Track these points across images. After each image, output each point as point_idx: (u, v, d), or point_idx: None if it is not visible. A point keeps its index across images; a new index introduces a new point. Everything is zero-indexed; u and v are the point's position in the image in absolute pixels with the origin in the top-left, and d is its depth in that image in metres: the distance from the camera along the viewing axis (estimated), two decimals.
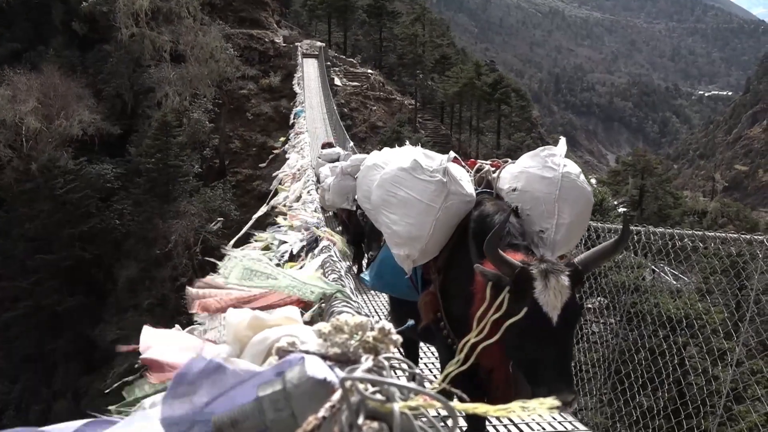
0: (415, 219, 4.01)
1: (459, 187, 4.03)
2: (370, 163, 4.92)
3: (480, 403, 0.87)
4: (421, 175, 4.04)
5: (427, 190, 3.98)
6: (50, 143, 34.64)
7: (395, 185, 4.13)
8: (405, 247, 4.11)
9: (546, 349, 3.07)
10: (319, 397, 0.91)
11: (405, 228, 4.05)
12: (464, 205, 4.08)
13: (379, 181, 4.33)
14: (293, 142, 21.09)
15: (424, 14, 65.66)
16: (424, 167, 4.06)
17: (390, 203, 4.16)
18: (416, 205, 4.00)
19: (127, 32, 39.74)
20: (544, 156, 4.17)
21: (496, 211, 3.91)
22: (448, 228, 4.08)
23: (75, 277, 33.05)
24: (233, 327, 1.25)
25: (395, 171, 4.19)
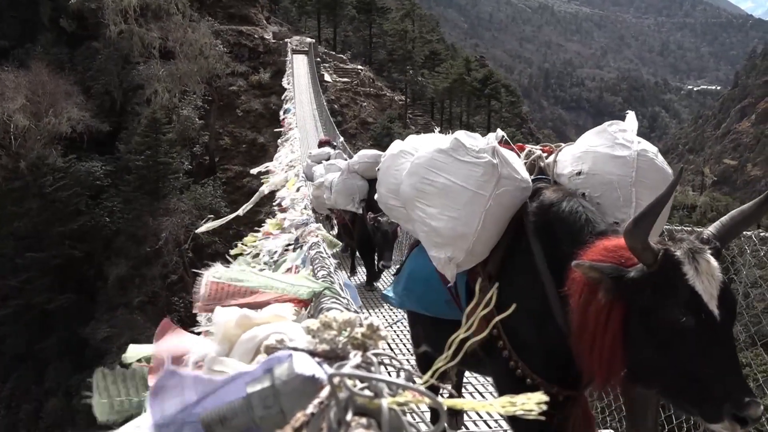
0: (460, 211, 3.33)
1: (512, 171, 3.35)
2: (394, 150, 4.26)
3: (467, 399, 0.87)
4: (464, 157, 3.38)
5: (473, 175, 3.31)
6: (39, 141, 34.51)
7: (433, 170, 3.46)
8: (447, 247, 3.41)
9: (713, 353, 2.40)
10: (307, 394, 0.91)
11: (447, 223, 3.37)
12: (519, 192, 3.38)
13: (411, 167, 3.67)
14: (283, 138, 21.02)
15: (413, 10, 65.70)
16: (468, 147, 3.39)
17: (426, 193, 3.49)
18: (460, 193, 3.33)
19: (115, 29, 39.59)
20: (614, 132, 3.52)
21: (561, 197, 3.23)
22: (500, 222, 3.38)
23: (65, 275, 32.94)
24: (221, 326, 1.24)
25: (432, 154, 3.52)
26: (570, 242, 2.89)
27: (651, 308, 2.48)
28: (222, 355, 1.17)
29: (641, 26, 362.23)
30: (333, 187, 11.40)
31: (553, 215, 3.15)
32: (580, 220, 3.03)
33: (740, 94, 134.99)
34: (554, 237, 3.09)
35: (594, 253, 2.65)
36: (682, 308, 2.42)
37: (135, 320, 29.66)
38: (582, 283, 2.63)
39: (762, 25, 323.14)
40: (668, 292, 2.46)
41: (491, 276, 3.37)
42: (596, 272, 2.53)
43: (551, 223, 3.11)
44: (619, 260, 2.56)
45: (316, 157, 15.66)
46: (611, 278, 2.52)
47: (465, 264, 3.41)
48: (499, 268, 3.37)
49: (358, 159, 11.07)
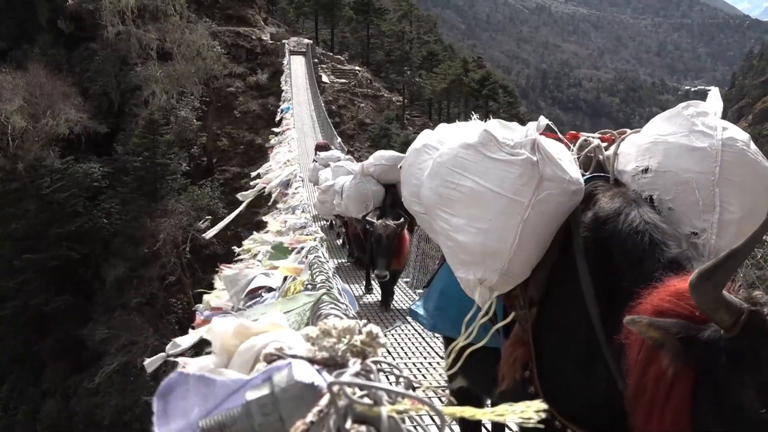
0: (492, 223, 2.68)
1: (558, 170, 2.68)
2: (418, 144, 3.61)
3: (467, 407, 0.87)
4: (497, 153, 2.73)
5: (508, 177, 2.67)
6: (36, 142, 34.45)
7: (457, 171, 2.82)
8: (476, 267, 2.76)
9: None
10: (306, 402, 0.91)
11: (475, 237, 2.71)
12: (567, 197, 2.70)
13: (432, 167, 3.03)
14: (280, 138, 21.02)
15: (411, 11, 65.67)
16: (501, 141, 2.74)
17: (450, 200, 2.84)
18: (492, 200, 2.68)
19: (113, 30, 39.52)
20: (690, 116, 2.76)
21: (621, 206, 2.56)
22: (543, 235, 2.72)
23: (62, 276, 32.87)
24: (219, 336, 1.23)
25: (456, 150, 2.88)
26: (629, 273, 2.34)
27: (725, 384, 1.90)
28: (221, 366, 1.17)
29: (638, 27, 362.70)
30: (344, 192, 10.22)
31: (609, 233, 2.52)
32: (643, 243, 2.40)
33: (737, 95, 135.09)
34: (609, 262, 2.48)
35: (658, 298, 2.06)
36: (764, 393, 1.83)
37: (133, 321, 29.62)
38: (640, 340, 2.06)
39: (759, 25, 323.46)
40: (750, 366, 1.87)
41: (532, 302, 2.79)
42: (658, 332, 1.96)
43: (606, 243, 2.51)
44: (691, 312, 1.96)
45: (324, 160, 14.72)
46: (679, 340, 1.94)
47: (499, 287, 2.78)
48: (544, 292, 2.77)
49: (374, 161, 9.73)
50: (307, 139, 30.21)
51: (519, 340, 2.80)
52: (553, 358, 2.68)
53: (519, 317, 2.83)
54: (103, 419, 27.93)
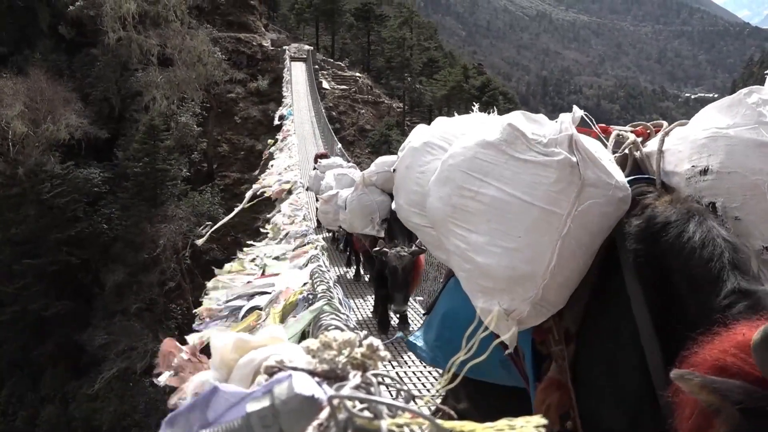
0: (522, 240, 2.19)
1: (602, 173, 2.20)
2: (416, 142, 3.05)
3: (467, 422, 0.87)
4: (525, 154, 2.25)
5: (541, 182, 2.18)
6: (37, 147, 34.43)
7: (475, 176, 2.33)
8: (501, 296, 2.26)
9: None
10: (307, 414, 0.91)
11: (501, 259, 2.22)
12: (614, 207, 2.22)
13: (442, 171, 2.53)
14: (281, 145, 21.01)
15: (411, 17, 65.75)
16: (531, 138, 2.26)
17: (468, 212, 2.35)
18: (521, 212, 2.20)
19: (114, 36, 39.55)
20: (755, 104, 2.22)
21: (682, 216, 2.05)
22: (584, 254, 2.23)
23: (62, 281, 32.85)
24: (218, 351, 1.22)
25: (473, 150, 2.39)
26: (691, 302, 1.89)
27: None
28: (221, 380, 1.16)
29: (639, 34, 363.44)
30: (347, 206, 9.05)
31: (667, 248, 2.02)
32: (712, 264, 1.90)
33: None
34: (666, 285, 1.98)
35: (720, 348, 1.62)
36: None
37: (132, 327, 29.59)
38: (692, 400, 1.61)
39: (759, 33, 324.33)
40: None
41: (569, 336, 2.31)
42: (714, 397, 1.51)
43: (662, 262, 2.02)
44: (755, 373, 1.49)
45: (324, 168, 13.81)
46: (740, 410, 1.48)
47: (530, 319, 2.28)
48: (582, 322, 2.29)
49: (375, 168, 8.65)
50: (308, 145, 30.23)
51: (554, 383, 2.32)
52: (597, 406, 2.19)
53: (554, 355, 2.36)
54: (101, 425, 27.88)
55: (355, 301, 9.98)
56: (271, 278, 3.92)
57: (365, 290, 10.91)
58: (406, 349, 7.64)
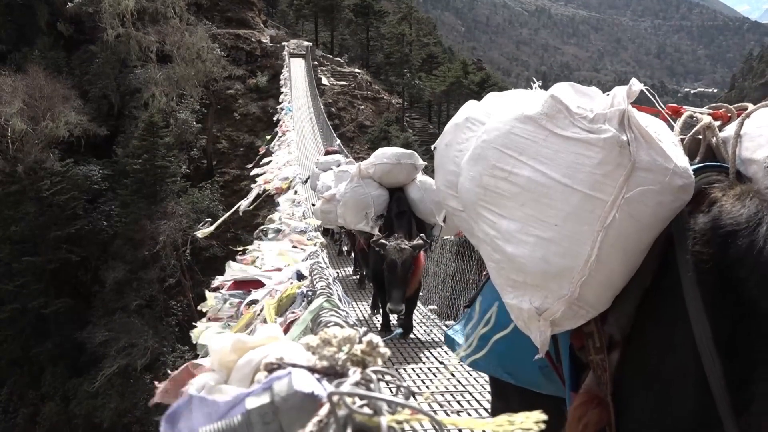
0: (558, 229, 1.92)
1: (658, 156, 1.88)
2: (459, 118, 2.71)
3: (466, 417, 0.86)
4: (568, 130, 1.96)
5: (584, 163, 1.91)
6: (36, 145, 34.45)
7: (510, 154, 2.05)
8: (533, 292, 2.01)
9: None
10: (307, 411, 0.91)
11: (533, 250, 1.96)
12: (671, 196, 1.87)
13: (475, 147, 2.22)
14: (280, 141, 20.99)
15: (410, 13, 65.78)
16: (576, 112, 1.97)
17: (498, 195, 2.07)
18: (560, 197, 1.93)
19: (112, 33, 39.57)
20: None
21: (760, 212, 1.70)
22: (633, 249, 1.92)
23: (62, 279, 32.90)
24: (217, 353, 1.22)
25: (509, 124, 2.09)
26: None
27: None
28: (220, 382, 1.16)
29: (638, 29, 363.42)
30: (341, 199, 8.41)
31: (740, 251, 1.68)
32: None
33: (737, 97, 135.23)
34: (736, 294, 1.67)
35: None
36: None
37: (132, 324, 29.61)
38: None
39: (758, 27, 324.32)
40: None
41: (613, 343, 2.02)
42: None
43: (733, 266, 1.68)
44: None
45: (323, 165, 13.24)
46: None
47: (566, 321, 2.00)
48: (630, 329, 1.98)
49: (374, 160, 7.90)
50: (307, 141, 30.22)
51: (592, 398, 2.04)
52: (642, 427, 1.90)
53: (593, 364, 2.05)
54: (102, 422, 27.94)
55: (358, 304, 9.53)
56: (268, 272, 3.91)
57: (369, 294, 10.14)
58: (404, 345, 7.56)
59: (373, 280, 8.21)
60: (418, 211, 7.65)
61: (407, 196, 7.68)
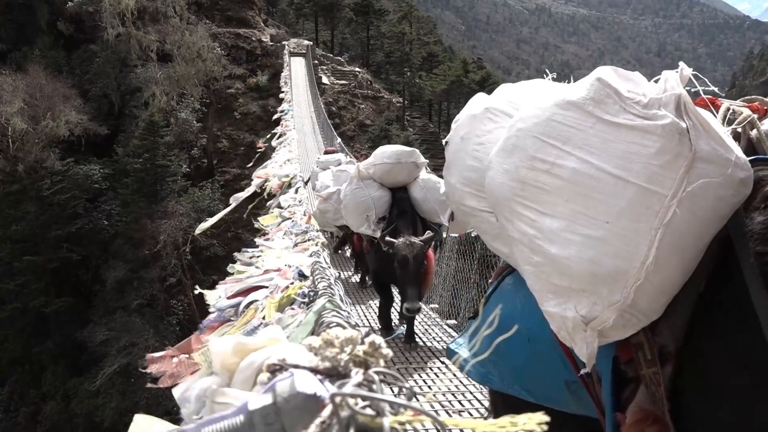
0: (610, 227, 1.74)
1: (718, 146, 1.71)
2: (476, 108, 2.55)
3: (468, 419, 0.86)
4: (619, 116, 1.79)
5: (640, 153, 1.73)
6: (37, 144, 34.45)
7: (552, 144, 1.87)
8: (579, 298, 1.81)
9: None
10: (309, 412, 0.91)
11: (581, 250, 1.77)
12: (732, 191, 1.69)
13: (509, 137, 2.03)
14: (280, 140, 20.99)
15: (411, 12, 65.69)
16: (626, 96, 1.80)
17: (539, 189, 1.89)
18: (612, 191, 1.75)
19: (113, 32, 39.58)
20: None
21: None
22: (692, 249, 1.73)
23: (62, 278, 32.91)
24: (219, 356, 1.21)
25: (550, 110, 1.91)
26: None
27: None
28: (223, 385, 1.16)
29: (638, 27, 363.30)
30: (342, 201, 7.96)
31: None
32: None
33: (738, 95, 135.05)
34: None
35: None
36: None
37: (133, 323, 29.62)
38: None
39: (759, 26, 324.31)
40: None
41: (666, 354, 1.81)
42: None
43: None
44: None
45: (324, 164, 12.80)
46: None
47: (616, 331, 1.80)
48: (685, 339, 1.80)
49: (373, 160, 7.46)
50: (307, 140, 30.20)
51: (647, 415, 1.82)
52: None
53: (645, 379, 1.84)
54: (103, 421, 27.96)
55: (359, 308, 9.30)
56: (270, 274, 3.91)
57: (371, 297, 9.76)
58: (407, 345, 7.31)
59: (375, 282, 7.83)
60: (421, 211, 7.31)
61: (410, 196, 7.33)
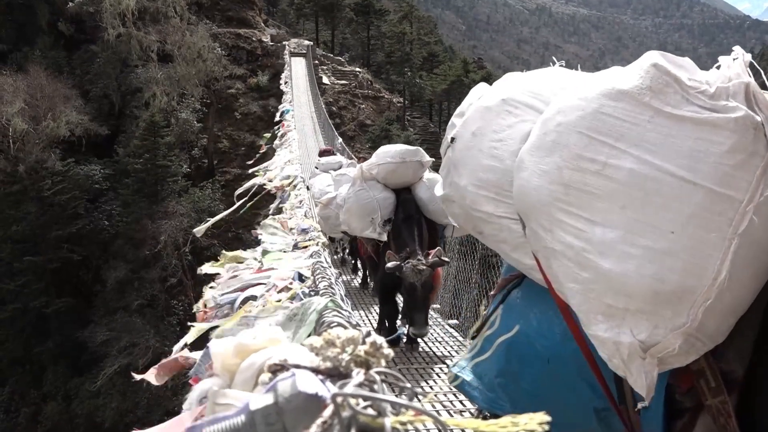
0: (676, 237, 1.53)
1: None
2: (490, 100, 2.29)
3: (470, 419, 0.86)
4: (682, 108, 1.58)
5: (709, 151, 1.52)
6: (37, 144, 34.46)
7: (603, 140, 1.65)
8: (638, 320, 1.58)
9: None
10: (310, 412, 0.91)
11: (640, 265, 1.56)
12: None
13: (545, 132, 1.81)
14: (281, 140, 20.97)
15: (411, 12, 65.65)
16: (689, 86, 1.61)
17: (587, 194, 1.66)
18: (677, 195, 1.54)
19: (113, 32, 39.60)
20: None
21: None
22: (765, 262, 1.55)
23: (63, 278, 32.93)
24: (219, 357, 1.21)
25: (598, 101, 1.69)
26: None
27: None
28: (224, 386, 1.15)
29: (639, 27, 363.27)
30: (344, 204, 7.53)
31: None
32: None
33: None
34: None
35: None
36: None
37: (134, 323, 29.62)
38: None
39: (759, 25, 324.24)
40: None
41: (731, 381, 1.62)
42: None
43: None
44: None
45: (324, 166, 12.16)
46: None
47: (678, 357, 1.58)
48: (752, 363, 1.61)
49: (376, 159, 6.97)
50: (308, 140, 30.18)
51: None
52: None
53: (712, 409, 1.61)
54: (104, 421, 27.96)
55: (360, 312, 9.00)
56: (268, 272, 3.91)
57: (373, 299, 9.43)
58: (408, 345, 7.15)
59: (379, 294, 7.47)
60: (427, 212, 6.89)
61: (415, 197, 6.93)
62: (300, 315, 2.20)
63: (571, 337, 1.86)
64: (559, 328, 1.86)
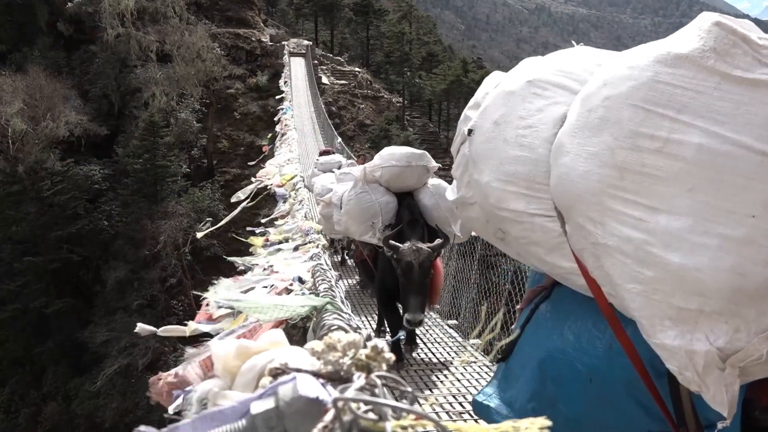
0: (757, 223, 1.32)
1: None
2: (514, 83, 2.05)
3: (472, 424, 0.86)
4: (755, 71, 1.39)
5: None
6: (37, 145, 34.44)
7: (661, 113, 1.45)
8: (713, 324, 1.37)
9: None
10: (311, 416, 0.90)
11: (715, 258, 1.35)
12: None
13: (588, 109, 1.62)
14: (281, 140, 20.98)
15: (410, 12, 65.69)
16: (760, 44, 1.43)
17: (646, 176, 1.45)
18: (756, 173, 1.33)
19: (112, 32, 39.59)
20: None
21: None
22: None
23: (63, 279, 32.91)
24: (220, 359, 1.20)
25: (652, 68, 1.49)
26: None
27: None
28: (225, 388, 1.15)
29: (638, 27, 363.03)
30: (343, 206, 7.07)
31: None
32: None
33: None
34: None
35: None
36: None
37: (133, 324, 29.31)
38: None
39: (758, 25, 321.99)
40: None
41: None
42: None
43: None
44: None
45: (323, 166, 11.88)
46: None
47: (764, 366, 1.38)
48: None
49: (380, 161, 6.60)
50: (307, 140, 30.18)
51: None
52: None
53: None
54: (104, 421, 27.96)
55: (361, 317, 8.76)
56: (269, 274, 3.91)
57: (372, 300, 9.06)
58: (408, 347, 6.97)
59: (378, 295, 7.05)
60: (431, 219, 6.50)
61: (419, 203, 6.58)
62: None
63: (618, 350, 1.63)
64: (602, 341, 1.65)
